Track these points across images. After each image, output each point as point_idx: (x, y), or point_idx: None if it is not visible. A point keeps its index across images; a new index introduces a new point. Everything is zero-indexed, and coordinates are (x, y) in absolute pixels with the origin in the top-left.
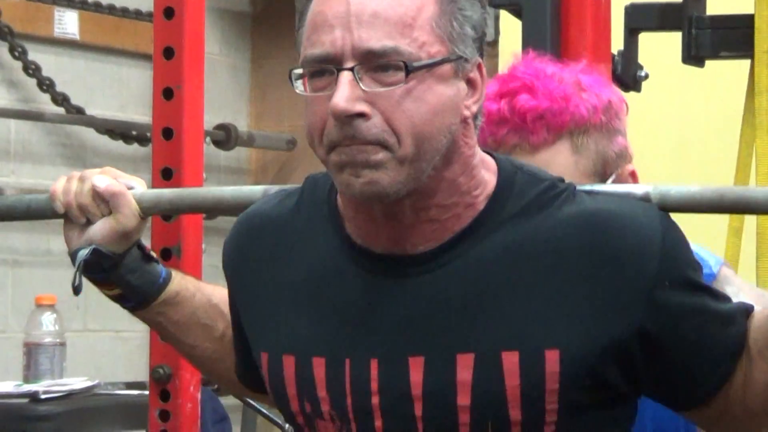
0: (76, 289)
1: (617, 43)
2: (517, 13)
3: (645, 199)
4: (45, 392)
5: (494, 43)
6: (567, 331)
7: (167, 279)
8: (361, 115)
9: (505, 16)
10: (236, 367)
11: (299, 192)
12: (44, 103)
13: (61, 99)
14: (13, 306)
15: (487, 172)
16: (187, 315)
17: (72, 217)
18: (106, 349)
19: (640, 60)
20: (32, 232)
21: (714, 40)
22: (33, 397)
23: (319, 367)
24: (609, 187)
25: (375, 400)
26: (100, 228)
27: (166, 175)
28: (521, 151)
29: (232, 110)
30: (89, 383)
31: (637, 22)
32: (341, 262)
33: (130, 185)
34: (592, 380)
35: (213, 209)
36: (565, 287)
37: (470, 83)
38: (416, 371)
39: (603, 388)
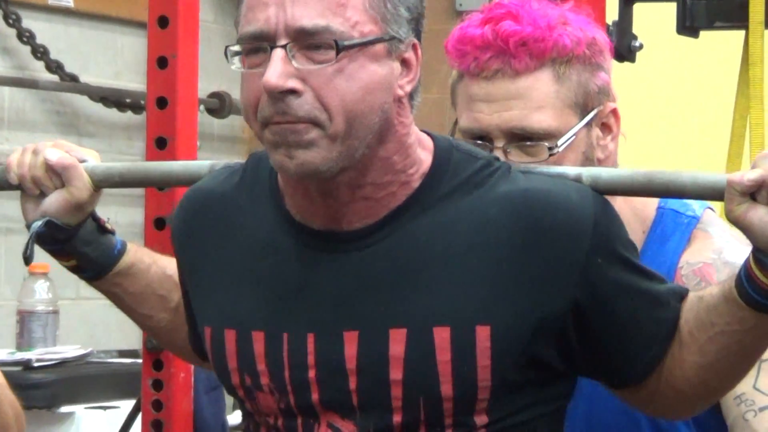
0: (27, 259)
1: (612, 14)
2: None
3: (577, 180)
4: (38, 360)
5: None
6: (499, 307)
7: (122, 250)
8: (293, 92)
9: None
10: (189, 337)
11: (243, 168)
12: (38, 70)
13: (55, 66)
14: (6, 274)
15: (423, 151)
16: (143, 286)
17: (26, 189)
18: (99, 318)
19: (635, 30)
20: None
21: (708, 10)
22: (26, 365)
23: (258, 341)
24: (543, 168)
25: (312, 373)
26: (53, 200)
27: (161, 144)
28: (503, 77)
29: (226, 78)
30: (82, 351)
31: None
32: (281, 237)
33: (83, 158)
34: (525, 357)
35: (162, 182)
36: (498, 264)
37: (405, 63)
38: (351, 345)
39: (537, 366)
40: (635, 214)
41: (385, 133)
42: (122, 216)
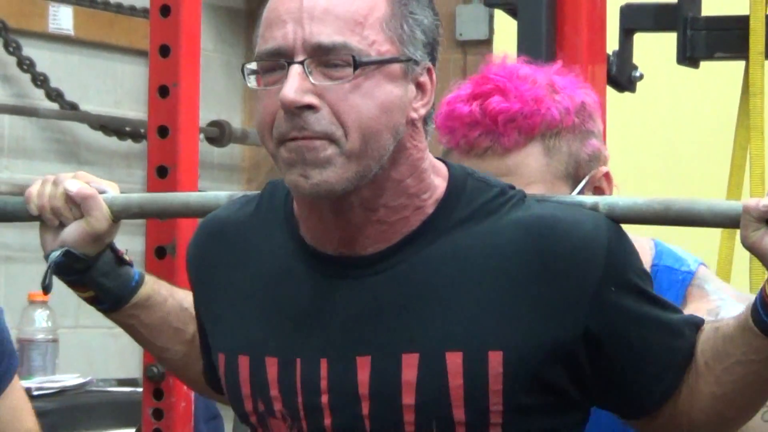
0: (46, 289)
1: (612, 44)
2: (512, 12)
3: (593, 208)
4: (37, 389)
5: (488, 42)
6: (511, 332)
7: (140, 282)
8: (310, 108)
9: (499, 15)
10: (204, 369)
11: (259, 197)
12: (38, 98)
13: (55, 95)
14: (6, 302)
15: (437, 177)
16: (159, 318)
17: (46, 220)
18: (98, 346)
19: (635, 60)
20: (25, 228)
21: (709, 41)
22: (26, 393)
23: (271, 366)
24: (559, 197)
25: (324, 399)
26: (72, 230)
27: (162, 173)
28: (493, 154)
29: (226, 107)
30: (81, 380)
31: (633, 22)
32: (294, 263)
33: (102, 189)
34: (538, 383)
35: (180, 213)
36: (511, 289)
37: (419, 87)
38: (363, 371)
39: (549, 392)
40: None
41: (398, 155)
42: (123, 244)
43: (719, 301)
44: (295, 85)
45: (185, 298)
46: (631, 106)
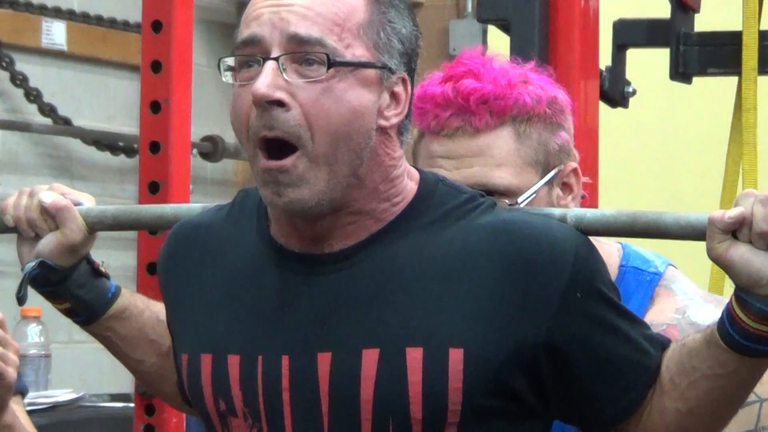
0: (20, 300)
1: (605, 59)
2: (505, 28)
3: (562, 219)
4: (30, 404)
5: None
6: (474, 330)
7: (116, 294)
8: (281, 105)
9: (492, 30)
10: (178, 382)
11: (231, 203)
12: (31, 113)
13: (48, 110)
14: None
15: (410, 182)
16: (135, 330)
17: (21, 231)
18: (91, 361)
19: (628, 76)
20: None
21: (702, 56)
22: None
23: (233, 365)
24: (528, 208)
25: (285, 396)
26: (47, 242)
27: (153, 189)
28: (463, 134)
29: (218, 122)
30: (74, 395)
31: (625, 37)
32: (261, 262)
33: (77, 201)
34: (497, 385)
35: (154, 225)
36: (476, 289)
37: (393, 96)
38: (324, 366)
39: (508, 397)
40: None
41: (370, 162)
42: (114, 260)
43: (687, 300)
44: (267, 80)
45: (162, 310)
46: (624, 121)
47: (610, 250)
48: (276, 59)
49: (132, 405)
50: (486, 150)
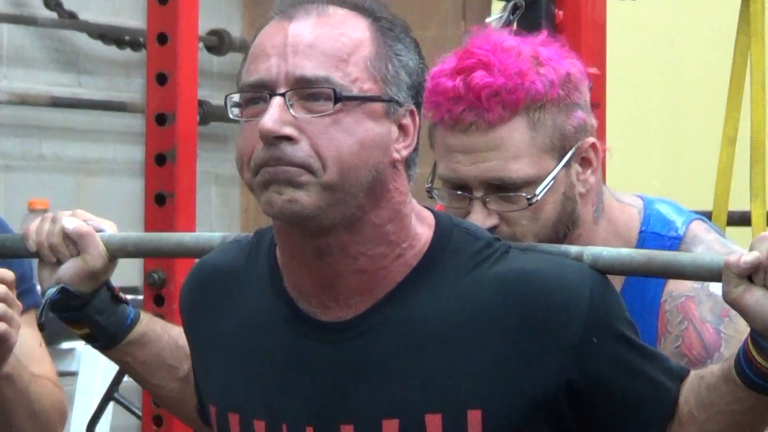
0: (41, 326)
1: None
2: None
3: (578, 258)
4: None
5: None
6: (491, 390)
7: (135, 320)
8: (288, 139)
9: None
10: (197, 407)
11: (249, 244)
12: (37, 7)
13: (53, 3)
14: (6, 211)
15: (421, 226)
16: (154, 356)
17: (43, 256)
18: None
19: None
20: (25, 136)
21: None
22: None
23: (260, 429)
24: (544, 246)
25: None
26: (68, 268)
27: (161, 80)
28: (477, 129)
29: (225, 16)
30: None
31: None
32: (278, 321)
33: (99, 228)
34: None
35: (174, 253)
36: (492, 346)
37: (402, 128)
38: None
39: None
40: (619, 237)
41: (379, 197)
42: (121, 189)
43: None
44: (275, 116)
45: (180, 335)
46: (631, 15)
47: (630, 213)
48: (283, 95)
49: (140, 297)
50: (501, 143)
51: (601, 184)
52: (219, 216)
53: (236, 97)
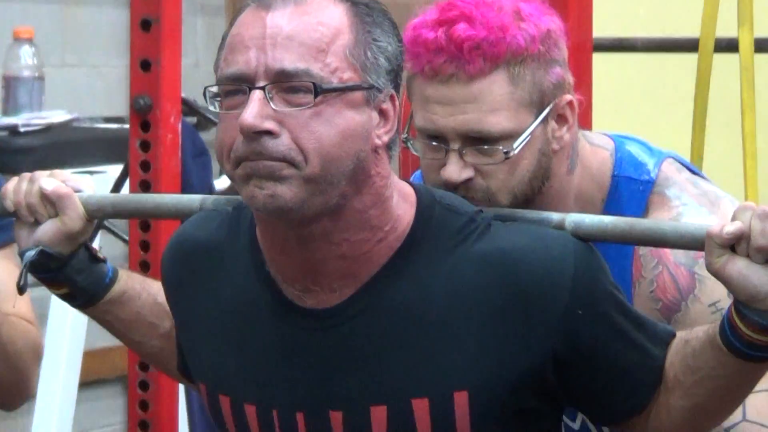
0: (21, 289)
1: None
2: None
3: (559, 225)
4: (24, 125)
5: None
6: (476, 370)
7: (113, 279)
8: (269, 133)
9: None
10: (178, 364)
11: (228, 219)
12: None
13: None
14: None
15: (403, 203)
16: (134, 313)
17: (21, 216)
18: (84, 85)
19: None
20: None
21: None
22: (12, 129)
23: (251, 414)
24: (525, 213)
25: None
26: (47, 229)
27: None
28: (457, 81)
29: None
30: (68, 116)
31: None
32: (263, 305)
33: (78, 188)
34: (505, 412)
35: (153, 214)
36: (476, 327)
37: (382, 113)
38: (337, 425)
39: (518, 415)
40: (593, 181)
41: (361, 183)
42: (107, 18)
43: (681, 207)
44: (255, 110)
45: (159, 291)
46: None
47: (603, 157)
48: (262, 88)
49: (126, 126)
50: (480, 96)
51: (576, 137)
52: (205, 48)
53: (215, 89)
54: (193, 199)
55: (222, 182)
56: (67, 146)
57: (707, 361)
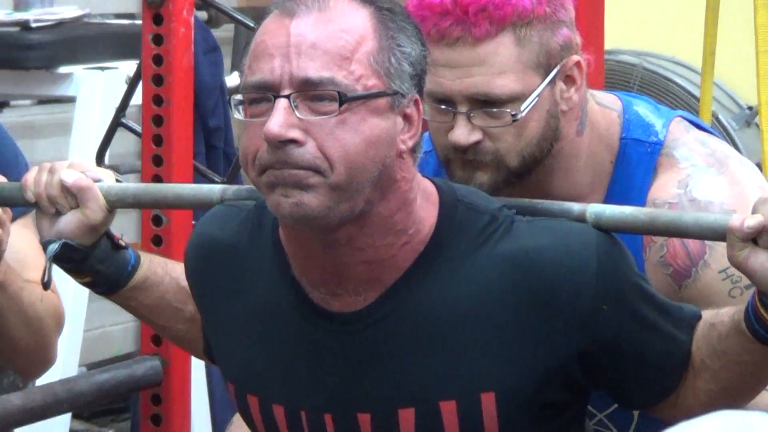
0: (46, 285)
1: None
2: None
3: (580, 217)
4: (36, 21)
5: None
6: (502, 371)
7: (136, 266)
8: (294, 142)
9: None
10: (204, 349)
11: (249, 219)
12: None
13: None
14: None
15: (427, 204)
16: (157, 298)
17: (42, 208)
18: None
19: None
20: None
21: None
22: (24, 25)
23: (279, 414)
24: (546, 204)
25: None
26: (68, 221)
27: None
28: (464, 44)
29: None
30: (79, 12)
31: None
32: (286, 308)
33: (98, 178)
34: (531, 408)
35: (173, 205)
36: (501, 328)
37: (406, 118)
38: (366, 427)
39: (546, 410)
40: (602, 142)
41: (386, 189)
42: None
43: (689, 168)
44: (280, 119)
45: (181, 275)
46: None
47: (611, 117)
48: (287, 97)
49: (138, 22)
50: (487, 59)
51: (585, 98)
52: None
53: (240, 97)
54: (213, 190)
55: (233, 79)
56: (79, 42)
57: (733, 347)
